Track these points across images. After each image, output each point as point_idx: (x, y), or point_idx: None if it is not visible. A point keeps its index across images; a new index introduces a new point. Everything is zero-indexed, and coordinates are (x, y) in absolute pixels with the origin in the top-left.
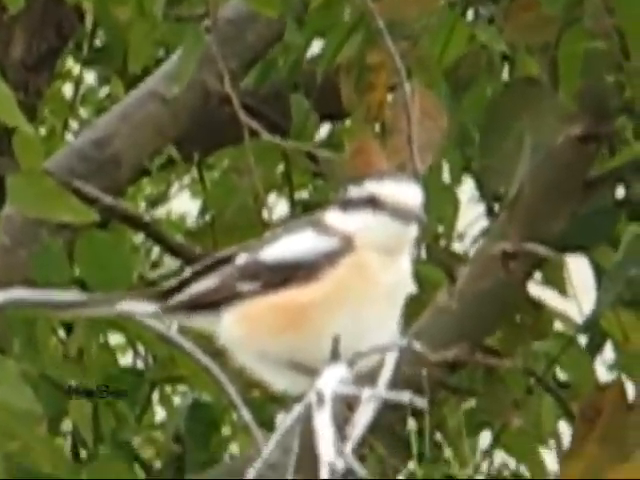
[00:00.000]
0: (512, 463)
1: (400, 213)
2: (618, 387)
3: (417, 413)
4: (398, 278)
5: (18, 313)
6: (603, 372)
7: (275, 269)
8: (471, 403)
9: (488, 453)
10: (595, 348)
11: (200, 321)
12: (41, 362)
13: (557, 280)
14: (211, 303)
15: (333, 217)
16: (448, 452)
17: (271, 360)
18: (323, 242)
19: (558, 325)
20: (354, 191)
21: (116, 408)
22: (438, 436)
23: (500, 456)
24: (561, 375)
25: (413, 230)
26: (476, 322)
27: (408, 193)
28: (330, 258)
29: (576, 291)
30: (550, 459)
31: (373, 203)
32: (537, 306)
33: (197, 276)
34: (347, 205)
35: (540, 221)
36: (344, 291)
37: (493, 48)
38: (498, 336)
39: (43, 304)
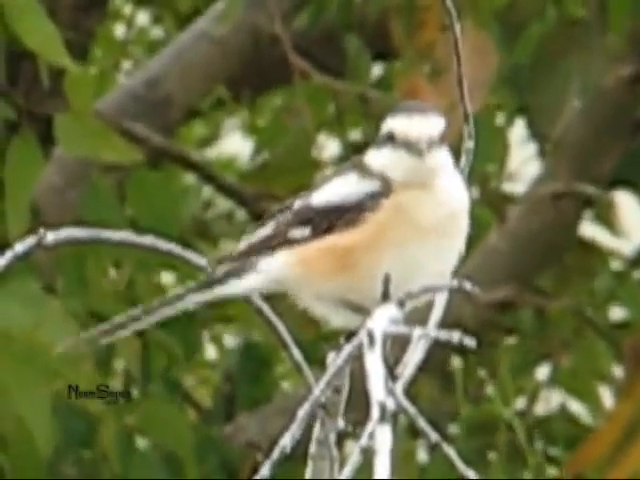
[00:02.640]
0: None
1: (410, 146)
2: None
3: (465, 353)
4: (443, 214)
5: (68, 253)
6: None
7: (323, 214)
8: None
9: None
10: None
11: (263, 268)
12: (89, 300)
13: (607, 219)
14: (268, 249)
15: (370, 157)
16: (492, 391)
17: (327, 300)
18: (365, 185)
19: (613, 265)
20: (383, 127)
21: (166, 347)
22: (483, 376)
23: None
24: (615, 315)
25: (429, 162)
26: (526, 262)
27: (419, 124)
28: (371, 201)
29: (627, 229)
30: (607, 397)
31: (390, 138)
32: (587, 246)
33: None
34: (378, 143)
35: (590, 160)
36: (385, 233)
37: None
38: (548, 276)
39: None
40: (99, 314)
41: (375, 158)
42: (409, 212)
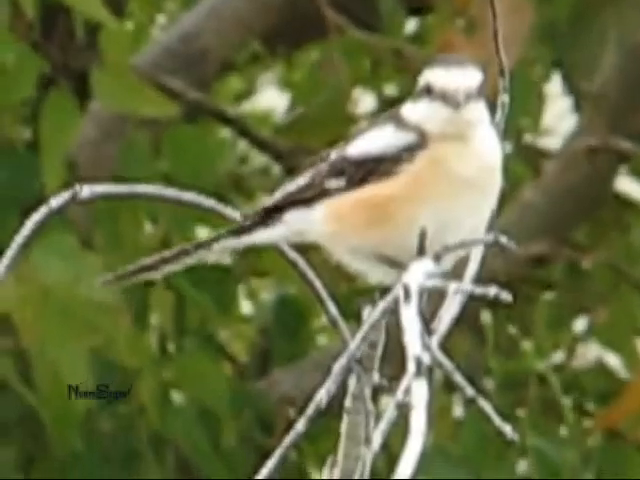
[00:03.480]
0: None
1: (447, 98)
2: None
3: (498, 307)
4: (478, 167)
5: (104, 208)
6: None
7: (358, 165)
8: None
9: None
10: None
11: (293, 219)
12: (126, 255)
13: None
14: (302, 200)
15: (407, 110)
16: (527, 345)
17: (361, 254)
18: (401, 137)
19: None
20: (420, 80)
21: (201, 302)
22: (515, 331)
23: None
24: None
25: (466, 114)
26: (562, 217)
27: (456, 77)
28: (407, 152)
29: None
30: None
31: (428, 91)
32: (623, 200)
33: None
34: (415, 96)
35: (625, 115)
36: (421, 186)
37: None
38: (583, 231)
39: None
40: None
41: (412, 110)
42: (445, 164)
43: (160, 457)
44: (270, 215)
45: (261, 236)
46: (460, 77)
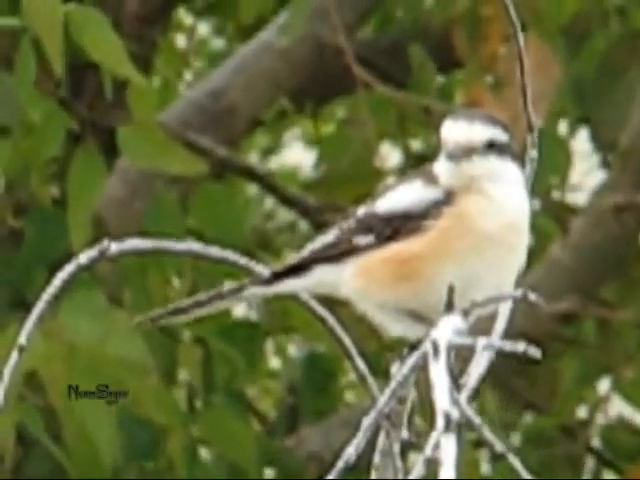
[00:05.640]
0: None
1: (448, 152)
2: None
3: (529, 365)
4: (503, 224)
5: (132, 264)
6: None
7: (386, 221)
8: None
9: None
10: None
11: (321, 272)
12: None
13: None
14: (331, 257)
15: (435, 165)
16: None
17: (389, 309)
18: (428, 193)
19: None
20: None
21: (229, 358)
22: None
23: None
24: None
25: (467, 169)
26: (589, 274)
27: (459, 131)
28: (434, 209)
29: None
30: None
31: (441, 145)
32: None
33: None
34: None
35: None
36: (446, 242)
37: (608, 1)
38: (611, 288)
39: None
40: (163, 326)
41: (436, 166)
42: (469, 221)
43: None
44: (300, 268)
45: (290, 285)
46: (463, 131)
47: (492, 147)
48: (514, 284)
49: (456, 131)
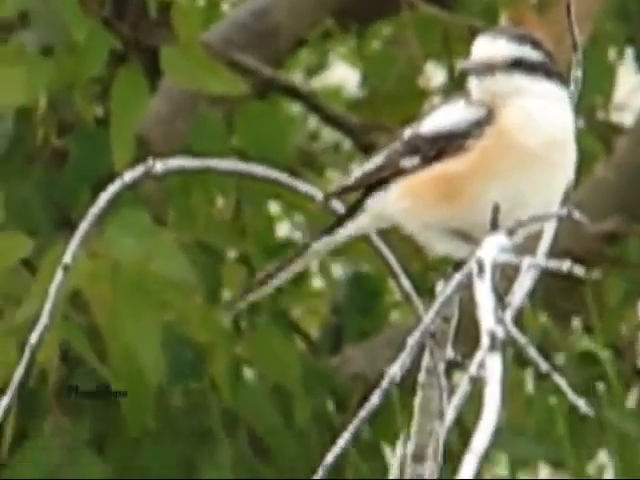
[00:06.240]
0: None
1: (471, 67)
2: None
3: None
4: (545, 141)
5: (176, 184)
6: None
7: (431, 142)
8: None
9: None
10: None
11: (373, 204)
12: (198, 231)
13: None
14: (379, 181)
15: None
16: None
17: (434, 228)
18: (470, 112)
19: None
20: None
21: None
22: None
23: None
24: None
25: (492, 85)
26: (634, 193)
27: (481, 47)
28: (477, 128)
29: None
30: None
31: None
32: None
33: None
34: None
35: None
36: (489, 161)
37: None
38: None
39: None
40: (208, 245)
41: (469, 83)
42: (510, 138)
43: (232, 434)
44: (354, 207)
45: (351, 229)
46: (487, 48)
47: (519, 65)
48: (561, 203)
49: (481, 48)
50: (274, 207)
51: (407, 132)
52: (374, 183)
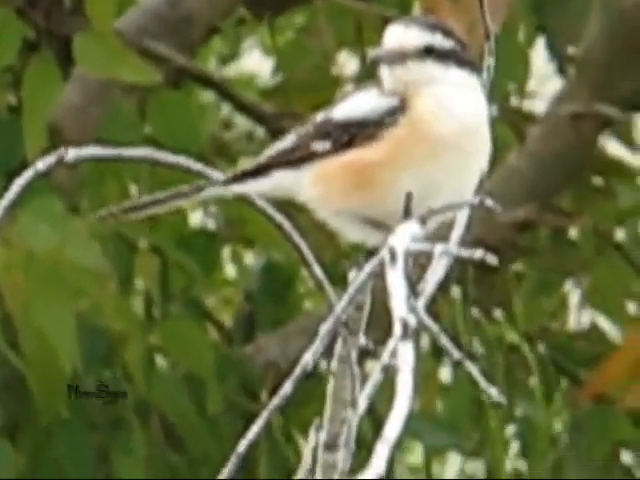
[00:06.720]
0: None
1: (381, 56)
2: None
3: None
4: (458, 129)
5: (89, 172)
6: None
7: (343, 128)
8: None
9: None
10: None
11: (280, 176)
12: (111, 220)
13: (628, 139)
14: (289, 161)
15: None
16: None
17: (346, 216)
18: (384, 101)
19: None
20: None
21: (185, 266)
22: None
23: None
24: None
25: (403, 73)
26: (546, 182)
27: (393, 35)
28: (390, 116)
29: None
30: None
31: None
32: (609, 166)
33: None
34: None
35: (610, 81)
36: (402, 149)
37: None
38: (568, 197)
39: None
40: (121, 234)
41: (380, 71)
42: (423, 126)
43: (145, 423)
44: (259, 172)
45: (248, 186)
46: (398, 36)
47: (431, 53)
48: (475, 191)
49: (392, 36)
50: None
51: (319, 116)
52: (284, 162)
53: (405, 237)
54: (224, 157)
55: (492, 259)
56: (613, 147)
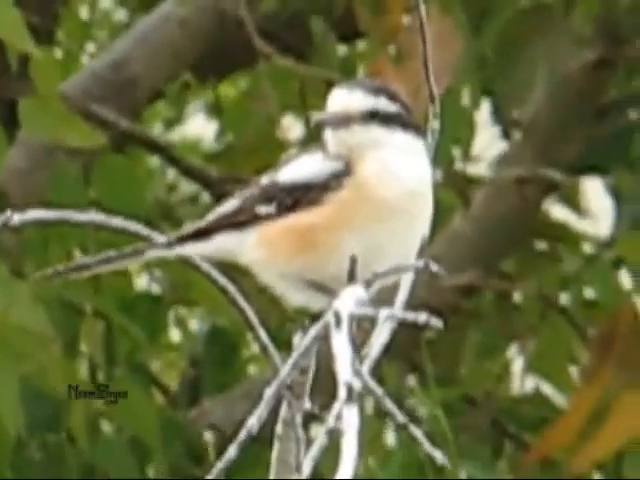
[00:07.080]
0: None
1: (325, 119)
2: (631, 311)
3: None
4: (402, 193)
5: (34, 236)
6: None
7: (288, 191)
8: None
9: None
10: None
11: (223, 239)
12: (55, 284)
13: (573, 203)
14: (233, 225)
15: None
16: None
17: (291, 279)
18: (329, 164)
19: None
20: None
21: (130, 331)
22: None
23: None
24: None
25: (348, 137)
26: (491, 247)
27: (337, 99)
28: (335, 180)
29: (594, 213)
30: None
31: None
32: (554, 230)
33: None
34: None
35: (555, 146)
36: (345, 212)
37: None
38: (512, 261)
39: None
40: (65, 298)
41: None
42: (367, 190)
43: None
44: (201, 234)
45: (191, 249)
46: (342, 100)
47: (375, 116)
48: (418, 254)
49: (336, 100)
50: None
51: (264, 179)
52: (228, 224)
53: (350, 301)
54: (169, 220)
55: (437, 322)
56: (558, 211)
